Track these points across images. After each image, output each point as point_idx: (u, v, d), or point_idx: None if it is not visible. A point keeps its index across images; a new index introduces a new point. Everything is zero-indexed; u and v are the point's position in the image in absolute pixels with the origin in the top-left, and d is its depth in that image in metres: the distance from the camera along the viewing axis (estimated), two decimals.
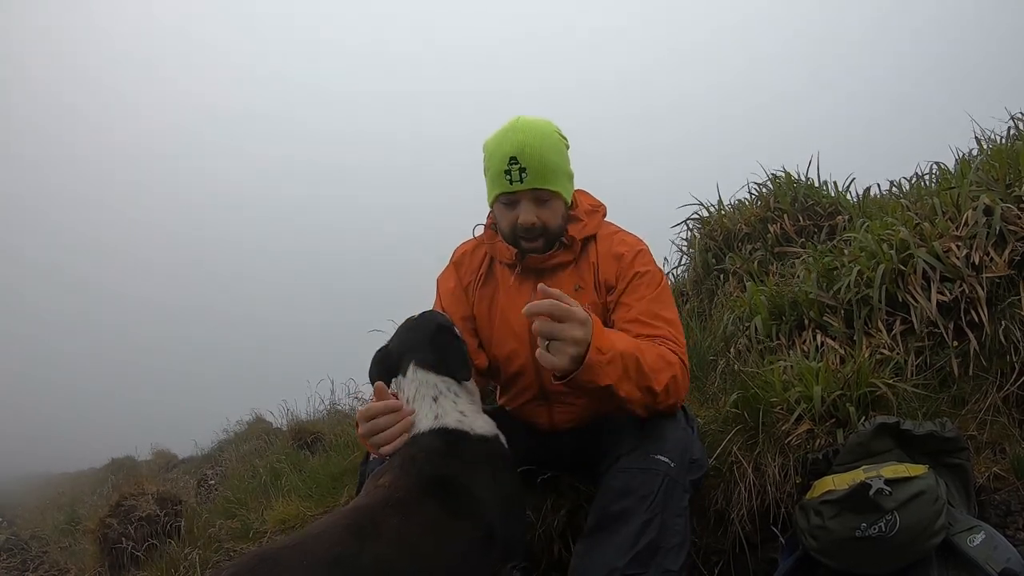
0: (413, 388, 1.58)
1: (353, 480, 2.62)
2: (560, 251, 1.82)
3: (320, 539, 1.24)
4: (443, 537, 1.35)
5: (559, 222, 1.81)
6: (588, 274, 1.82)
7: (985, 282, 2.06)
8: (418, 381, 1.58)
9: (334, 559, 1.19)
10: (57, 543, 4.93)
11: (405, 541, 1.29)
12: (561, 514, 2.05)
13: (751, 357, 2.26)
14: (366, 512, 1.35)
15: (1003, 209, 2.15)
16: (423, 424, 1.53)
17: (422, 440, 1.50)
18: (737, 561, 1.93)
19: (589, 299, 1.79)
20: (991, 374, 2.01)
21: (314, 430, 4.44)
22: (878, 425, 1.73)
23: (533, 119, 1.77)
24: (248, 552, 1.36)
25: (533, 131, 1.73)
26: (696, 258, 3.59)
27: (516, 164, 1.70)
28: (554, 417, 1.87)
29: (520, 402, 1.91)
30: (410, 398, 1.58)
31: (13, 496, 9.54)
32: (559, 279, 1.83)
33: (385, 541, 1.27)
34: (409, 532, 1.31)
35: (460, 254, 2.02)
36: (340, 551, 1.21)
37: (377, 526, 1.30)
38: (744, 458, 1.90)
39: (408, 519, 1.33)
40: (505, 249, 1.86)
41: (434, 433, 1.51)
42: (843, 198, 3.38)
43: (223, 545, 3.01)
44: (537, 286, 1.47)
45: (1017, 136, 2.89)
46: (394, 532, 1.29)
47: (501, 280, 1.91)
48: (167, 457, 7.75)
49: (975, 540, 1.58)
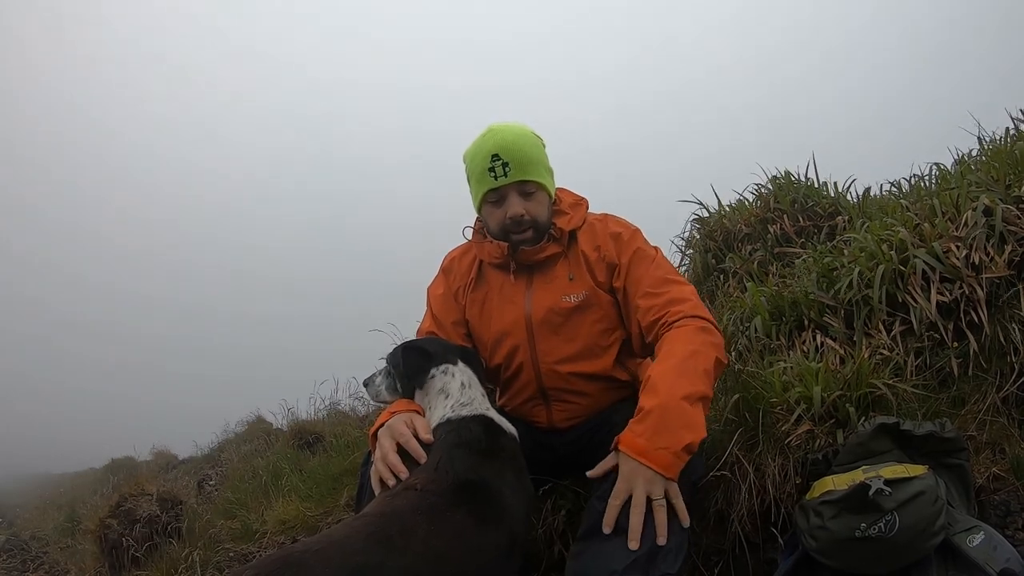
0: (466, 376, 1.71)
1: (353, 480, 2.62)
2: (550, 243, 1.86)
3: (344, 546, 1.21)
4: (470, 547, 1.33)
5: (546, 214, 1.86)
6: (579, 264, 1.85)
7: (985, 282, 2.06)
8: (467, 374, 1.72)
9: (357, 567, 1.16)
10: (57, 543, 4.93)
11: (431, 551, 1.26)
12: (561, 515, 2.05)
13: (751, 357, 2.26)
14: (394, 519, 1.32)
15: (1003, 209, 2.15)
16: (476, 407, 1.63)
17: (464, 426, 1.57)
18: (737, 561, 1.93)
19: (585, 286, 1.83)
20: (991, 374, 2.01)
21: (314, 430, 4.44)
22: (878, 425, 1.73)
23: (507, 123, 1.85)
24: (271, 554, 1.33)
25: (509, 131, 1.83)
26: (696, 259, 3.59)
27: (499, 160, 1.78)
28: (553, 415, 1.88)
29: (519, 401, 1.92)
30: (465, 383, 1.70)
31: (13, 496, 9.54)
32: (553, 272, 1.86)
33: (411, 552, 1.24)
34: (437, 543, 1.28)
35: (449, 260, 2.05)
36: (363, 560, 1.18)
37: (404, 535, 1.27)
38: (744, 458, 1.90)
39: (437, 529, 1.30)
40: (495, 248, 1.88)
41: (477, 420, 1.59)
42: (843, 198, 3.38)
43: (223, 545, 3.02)
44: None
45: (1017, 136, 2.89)
46: (420, 543, 1.26)
47: (492, 282, 1.93)
48: (167, 457, 7.74)
49: (975, 540, 1.58)
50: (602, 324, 1.83)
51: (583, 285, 1.82)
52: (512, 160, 1.78)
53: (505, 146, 1.79)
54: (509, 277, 1.88)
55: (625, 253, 1.83)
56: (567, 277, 1.84)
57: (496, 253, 1.88)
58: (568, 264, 1.86)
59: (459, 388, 1.69)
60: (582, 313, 1.82)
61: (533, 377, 1.86)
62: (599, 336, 1.82)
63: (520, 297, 1.86)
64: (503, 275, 1.90)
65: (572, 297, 1.82)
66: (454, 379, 1.71)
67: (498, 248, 1.87)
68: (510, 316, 1.86)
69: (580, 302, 1.82)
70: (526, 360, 1.85)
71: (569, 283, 1.83)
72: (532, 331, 1.83)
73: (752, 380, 2.02)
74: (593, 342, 1.82)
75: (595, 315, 1.82)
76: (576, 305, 1.82)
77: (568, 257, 1.87)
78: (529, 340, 1.84)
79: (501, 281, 1.90)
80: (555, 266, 1.87)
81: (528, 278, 1.88)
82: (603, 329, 1.83)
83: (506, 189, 1.81)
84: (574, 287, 1.83)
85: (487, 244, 1.91)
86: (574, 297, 1.82)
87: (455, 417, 1.61)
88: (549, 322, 1.82)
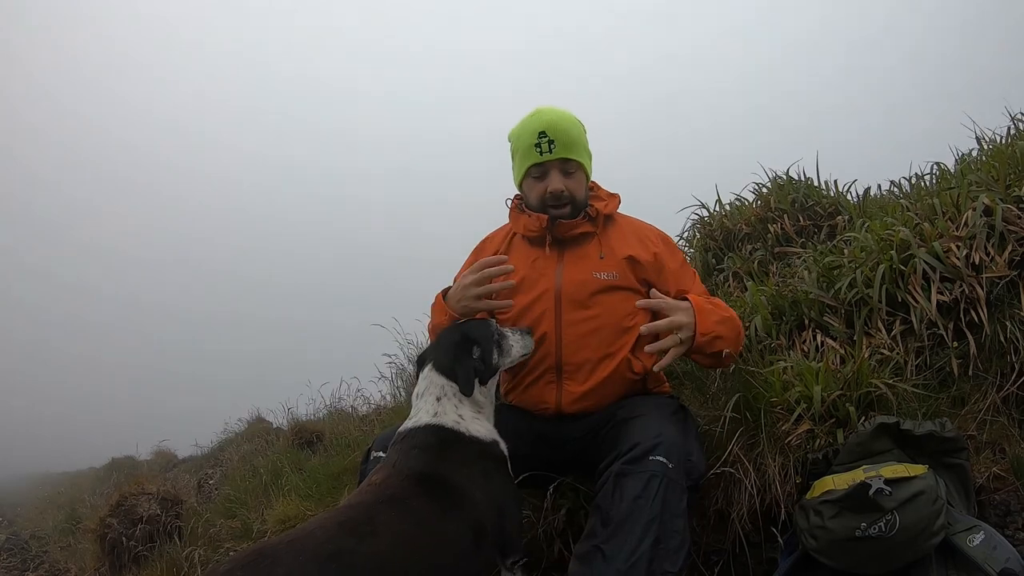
0: (423, 385, 1.69)
1: (353, 480, 2.62)
2: (585, 221, 1.96)
3: (315, 535, 1.27)
4: (433, 532, 1.40)
5: (583, 193, 1.99)
6: (610, 248, 1.95)
7: (985, 282, 2.06)
8: (428, 380, 1.69)
9: (329, 555, 1.23)
10: (57, 543, 4.94)
11: (397, 536, 1.34)
12: (561, 514, 2.05)
13: (751, 357, 2.26)
14: (360, 509, 1.40)
15: (1003, 209, 2.15)
16: (421, 419, 1.62)
17: (417, 435, 1.59)
18: (737, 561, 1.93)
19: (616, 266, 1.91)
20: (991, 374, 2.01)
21: (314, 430, 4.44)
22: (878, 425, 1.73)
23: (552, 106, 1.98)
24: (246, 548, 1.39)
25: (555, 112, 1.95)
26: (696, 258, 3.58)
27: (545, 137, 1.91)
28: (562, 397, 1.87)
29: (532, 378, 1.91)
30: (418, 394, 1.69)
31: (13, 496, 9.55)
32: (585, 248, 1.96)
33: (378, 537, 1.31)
34: (401, 528, 1.36)
35: (483, 241, 2.16)
36: (335, 547, 1.25)
37: (371, 522, 1.34)
38: (744, 458, 1.90)
39: (400, 515, 1.38)
40: (532, 221, 1.97)
41: (429, 429, 1.59)
42: (843, 198, 3.37)
43: (223, 545, 3.02)
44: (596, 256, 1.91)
45: (1017, 136, 2.88)
46: (386, 528, 1.34)
47: (524, 256, 1.98)
48: (167, 457, 7.75)
49: (975, 540, 1.58)
50: (628, 305, 1.87)
51: (614, 266, 1.91)
52: (557, 139, 1.90)
53: (551, 125, 1.91)
54: (543, 251, 1.96)
55: (673, 259, 1.99)
56: (598, 255, 1.93)
57: (533, 226, 1.97)
58: (600, 245, 1.95)
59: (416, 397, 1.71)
60: (611, 293, 1.89)
61: (553, 349, 1.86)
62: (623, 317, 1.88)
63: (551, 271, 1.94)
64: (536, 250, 1.98)
65: (603, 274, 1.90)
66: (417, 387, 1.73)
67: (536, 221, 1.96)
68: (540, 287, 1.92)
69: (611, 282, 1.89)
70: (550, 330, 1.87)
71: (600, 261, 1.92)
72: (560, 302, 1.89)
73: (752, 379, 2.02)
74: (616, 322, 1.87)
75: (622, 296, 1.89)
76: (607, 284, 1.89)
77: (600, 239, 1.96)
78: (556, 310, 1.89)
79: (535, 256, 1.97)
80: (587, 244, 1.96)
81: (560, 253, 1.96)
82: (628, 312, 1.88)
83: (549, 165, 1.93)
84: (605, 266, 1.91)
85: (524, 217, 2.00)
86: (605, 275, 1.90)
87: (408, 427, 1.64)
88: (577, 296, 1.88)
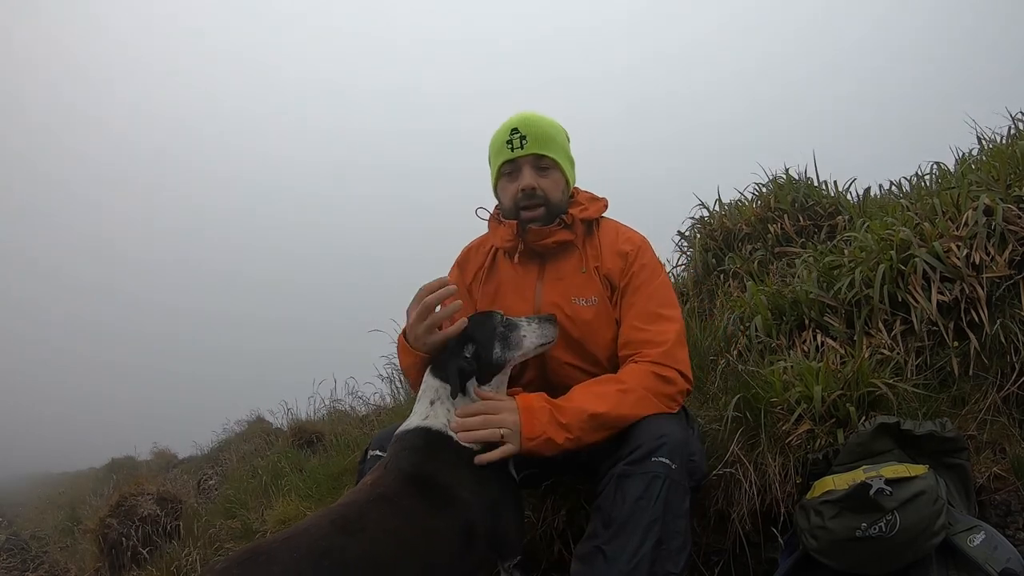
0: (422, 388, 1.68)
1: (353, 480, 2.62)
2: (560, 229, 1.84)
3: (308, 533, 1.29)
4: (424, 531, 1.41)
5: (559, 196, 1.86)
6: (591, 259, 1.85)
7: (985, 282, 2.06)
8: (426, 383, 1.67)
9: (322, 552, 1.24)
10: (57, 543, 4.94)
11: (389, 534, 1.35)
12: (561, 514, 2.05)
13: (751, 357, 2.26)
14: (352, 507, 1.42)
15: (1003, 209, 2.15)
16: (411, 422, 1.62)
17: (406, 437, 1.59)
18: (737, 561, 1.93)
19: (595, 288, 1.81)
20: (991, 374, 2.01)
21: (314, 430, 4.44)
22: (878, 425, 1.73)
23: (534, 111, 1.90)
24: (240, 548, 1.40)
25: (533, 113, 1.88)
26: (696, 258, 3.58)
27: (517, 133, 1.82)
28: None
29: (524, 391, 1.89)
30: (418, 396, 1.68)
31: (13, 496, 9.55)
32: (563, 262, 1.85)
33: (370, 535, 1.33)
34: (392, 526, 1.37)
35: (465, 252, 2.05)
36: (327, 545, 1.26)
37: (362, 520, 1.36)
38: (745, 458, 1.90)
39: (391, 514, 1.40)
40: (507, 231, 1.87)
41: (418, 432, 1.59)
42: (843, 198, 3.38)
43: (223, 545, 3.02)
44: None
45: (1017, 136, 2.89)
46: (378, 526, 1.36)
47: (505, 274, 1.92)
48: (167, 457, 7.76)
49: (975, 540, 1.57)
50: (612, 332, 1.80)
51: (594, 288, 1.80)
52: (529, 133, 1.82)
53: (524, 122, 1.83)
54: (522, 265, 1.87)
55: (626, 273, 1.81)
56: (579, 270, 1.82)
57: (507, 236, 1.87)
58: (580, 257, 1.85)
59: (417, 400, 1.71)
60: (594, 327, 1.79)
61: (536, 376, 1.84)
62: (608, 344, 1.80)
63: (530, 292, 1.84)
64: (515, 266, 1.89)
65: (582, 301, 1.80)
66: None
67: (509, 229, 1.86)
68: (517, 303, 1.84)
69: (591, 308, 1.79)
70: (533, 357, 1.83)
71: (579, 276, 1.81)
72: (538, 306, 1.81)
73: (752, 380, 2.02)
74: (601, 354, 1.80)
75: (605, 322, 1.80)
76: (589, 317, 1.79)
77: (582, 250, 1.86)
78: None
79: (513, 273, 1.89)
80: (569, 257, 1.85)
81: (539, 268, 1.87)
82: (612, 337, 1.80)
83: (521, 161, 1.83)
84: (585, 289, 1.80)
85: (500, 227, 1.91)
86: (584, 301, 1.80)
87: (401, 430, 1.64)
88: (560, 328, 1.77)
